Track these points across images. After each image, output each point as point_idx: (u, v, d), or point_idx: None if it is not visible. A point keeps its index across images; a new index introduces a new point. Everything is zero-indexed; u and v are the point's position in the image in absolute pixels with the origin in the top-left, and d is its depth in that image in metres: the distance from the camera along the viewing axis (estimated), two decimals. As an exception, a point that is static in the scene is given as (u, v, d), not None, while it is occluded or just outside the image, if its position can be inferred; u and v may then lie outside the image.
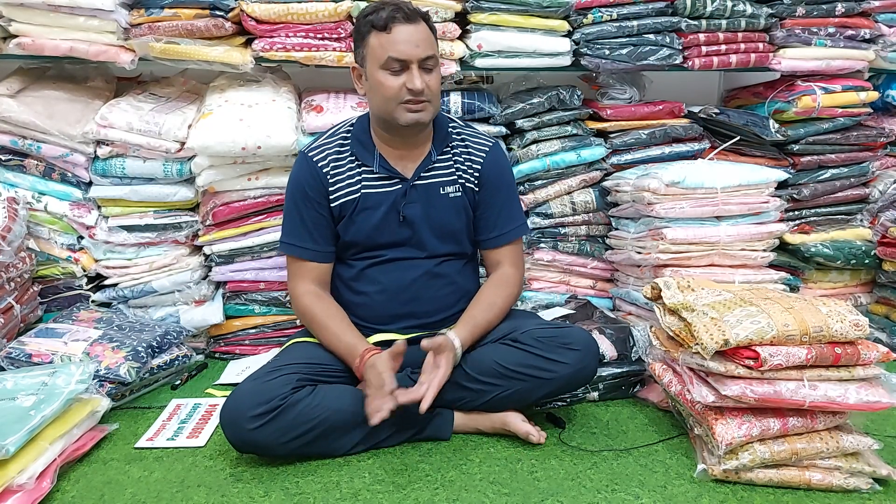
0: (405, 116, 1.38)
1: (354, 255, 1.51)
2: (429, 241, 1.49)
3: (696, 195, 1.78)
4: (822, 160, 2.04)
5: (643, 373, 1.60)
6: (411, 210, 1.47)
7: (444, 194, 1.49)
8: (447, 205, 1.49)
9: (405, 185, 1.46)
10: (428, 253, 1.50)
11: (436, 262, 1.51)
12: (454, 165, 1.50)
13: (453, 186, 1.50)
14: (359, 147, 1.47)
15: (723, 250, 1.80)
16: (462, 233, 1.53)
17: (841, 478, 1.20)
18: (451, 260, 1.53)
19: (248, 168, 1.83)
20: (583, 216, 2.04)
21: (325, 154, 1.47)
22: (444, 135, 1.51)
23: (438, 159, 1.49)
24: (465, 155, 1.52)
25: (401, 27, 1.34)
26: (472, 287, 1.58)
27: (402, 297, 1.49)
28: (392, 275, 1.49)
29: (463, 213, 1.52)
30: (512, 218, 1.55)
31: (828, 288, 2.05)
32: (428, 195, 1.48)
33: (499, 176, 1.54)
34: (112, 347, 1.64)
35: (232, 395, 1.33)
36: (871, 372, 1.22)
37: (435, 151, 1.49)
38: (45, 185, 1.83)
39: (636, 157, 2.02)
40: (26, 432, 1.21)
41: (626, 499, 1.18)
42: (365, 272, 1.50)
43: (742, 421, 1.22)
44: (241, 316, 1.96)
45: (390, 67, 1.35)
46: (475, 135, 1.56)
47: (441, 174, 1.49)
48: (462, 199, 1.51)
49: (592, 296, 2.09)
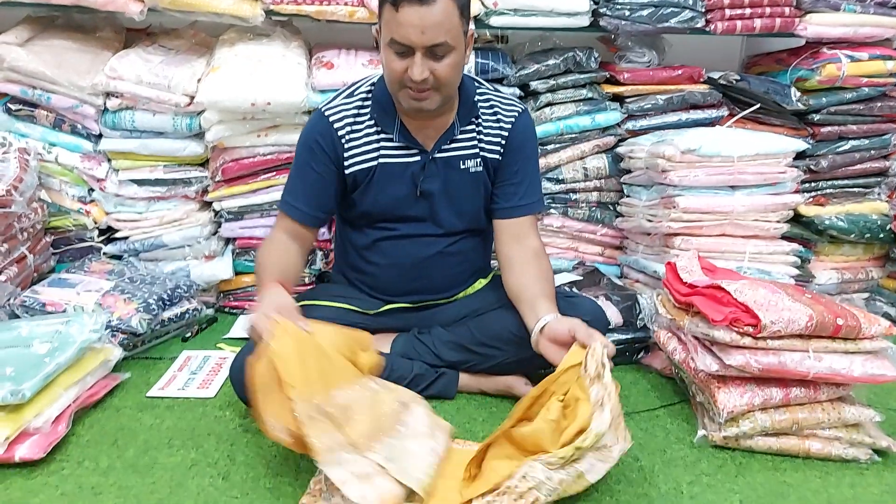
0: (407, 102, 1.29)
1: (368, 225, 1.46)
2: (446, 217, 1.44)
3: (711, 163, 1.75)
4: (843, 131, 2.00)
5: (648, 340, 1.61)
6: (430, 185, 1.40)
7: (464, 169, 1.42)
8: (467, 180, 1.42)
9: (424, 159, 1.39)
10: (445, 230, 1.44)
11: (451, 240, 1.46)
12: (476, 137, 1.42)
13: (474, 161, 1.42)
14: (380, 111, 1.38)
15: (735, 220, 1.78)
16: (480, 209, 1.47)
17: (840, 448, 1.21)
18: (466, 238, 1.48)
19: (257, 124, 1.82)
20: (595, 182, 2.01)
21: (343, 116, 1.38)
22: (469, 105, 1.41)
23: (462, 131, 1.40)
24: (492, 121, 1.42)
25: (410, 9, 1.17)
26: (483, 262, 1.56)
27: (412, 274, 1.46)
28: (404, 251, 1.44)
29: (482, 189, 1.44)
30: (535, 190, 1.47)
31: (839, 261, 2.03)
32: (447, 170, 1.41)
33: (526, 144, 1.45)
34: (124, 299, 1.66)
35: (242, 350, 1.35)
36: (878, 345, 1.22)
37: (459, 123, 1.40)
38: (56, 137, 1.83)
39: (652, 123, 1.99)
40: (42, 378, 1.24)
41: (625, 461, 1.20)
42: (378, 244, 1.46)
43: (744, 390, 1.22)
44: (250, 272, 1.97)
45: (395, 48, 1.23)
46: (504, 99, 1.46)
47: (462, 147, 1.41)
48: (482, 173, 1.43)
49: (601, 263, 2.08)
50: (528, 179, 1.45)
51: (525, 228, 1.43)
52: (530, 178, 1.45)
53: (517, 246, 1.41)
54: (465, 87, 1.40)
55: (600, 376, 1.04)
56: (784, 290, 1.31)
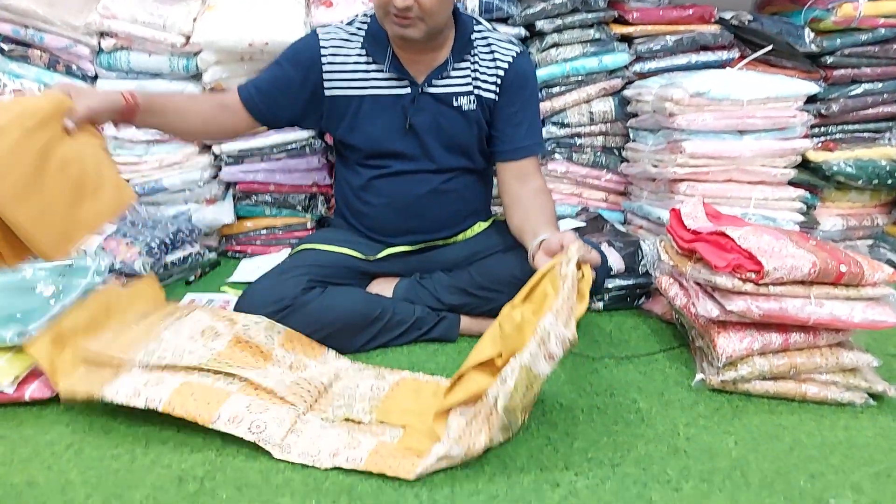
0: (392, 29, 1.27)
1: (360, 162, 1.46)
2: (437, 153, 1.43)
3: (720, 107, 1.71)
4: (856, 74, 1.94)
5: (649, 286, 1.61)
6: (419, 119, 1.40)
7: (456, 106, 1.40)
8: (458, 117, 1.41)
9: (414, 91, 1.38)
10: (437, 166, 1.44)
11: (445, 177, 1.45)
12: (471, 75, 1.40)
13: (467, 98, 1.40)
14: (372, 42, 1.37)
15: (742, 166, 1.76)
16: (473, 147, 1.45)
17: (836, 392, 1.23)
18: (460, 175, 1.47)
19: (256, 65, 1.77)
20: (600, 126, 1.98)
21: (332, 38, 1.38)
22: (465, 42, 1.39)
23: (456, 67, 1.39)
24: (488, 60, 1.40)
25: None
26: (480, 204, 1.55)
27: (407, 212, 1.46)
28: (398, 188, 1.44)
29: (475, 127, 1.43)
30: (536, 132, 1.46)
31: (845, 208, 2.02)
32: (438, 105, 1.39)
33: (523, 85, 1.42)
34: (126, 243, 1.66)
35: (245, 294, 1.37)
36: (880, 292, 1.21)
37: (452, 59, 1.38)
38: (51, 78, 1.79)
39: (661, 65, 1.94)
40: (48, 320, 1.25)
41: (623, 402, 1.22)
42: (372, 182, 1.46)
43: (744, 335, 1.23)
44: (251, 217, 1.97)
45: None
46: (502, 40, 1.43)
47: (455, 84, 1.40)
48: (476, 112, 1.41)
49: (604, 209, 2.07)
50: (528, 121, 1.43)
51: (528, 170, 1.42)
52: (530, 119, 1.44)
53: (521, 186, 1.40)
54: (463, 25, 1.38)
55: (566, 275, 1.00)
56: (788, 236, 1.30)
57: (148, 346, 1.17)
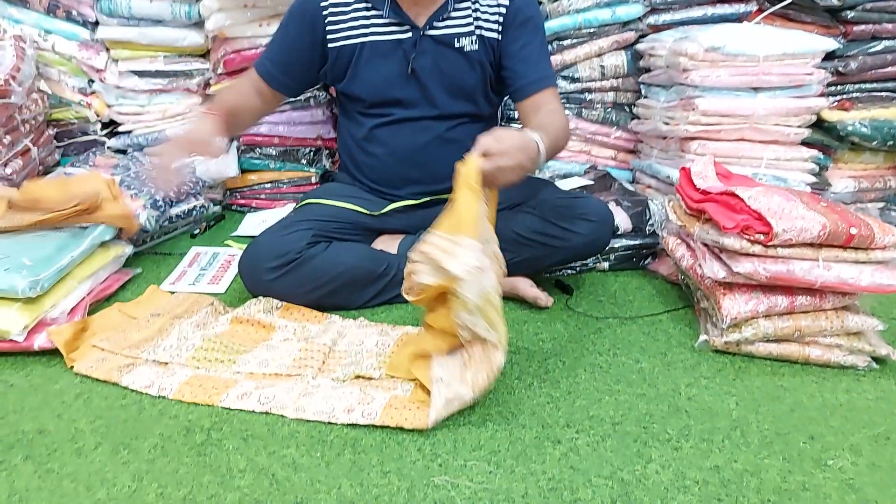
0: None
1: (363, 111, 1.44)
2: (440, 97, 1.40)
3: (735, 63, 1.67)
4: (877, 30, 1.88)
5: (656, 246, 1.60)
6: (421, 62, 1.37)
7: (458, 47, 1.37)
8: (460, 59, 1.38)
9: (415, 35, 1.36)
10: (440, 112, 1.42)
11: (449, 124, 1.43)
12: (473, 14, 1.37)
13: (469, 39, 1.38)
14: None
15: (755, 124, 1.72)
16: (477, 90, 1.43)
17: (840, 355, 1.23)
18: (465, 123, 1.45)
19: (258, 13, 1.73)
20: (611, 81, 1.93)
21: None
22: None
23: (457, 8, 1.37)
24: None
25: None
26: None
27: (411, 161, 1.44)
28: (401, 137, 1.43)
29: (478, 69, 1.40)
30: (544, 65, 1.41)
31: (858, 169, 1.98)
32: (440, 47, 1.37)
33: (526, 20, 1.38)
34: (130, 195, 1.65)
35: (250, 247, 1.36)
36: (890, 255, 1.20)
37: (453, 1, 1.36)
38: (51, 23, 1.75)
39: (675, 17, 1.88)
40: (56, 270, 1.26)
41: (626, 362, 1.23)
42: (374, 132, 1.44)
43: (750, 297, 1.23)
44: (256, 170, 1.95)
45: None
46: None
47: (457, 25, 1.37)
48: (478, 53, 1.39)
49: (613, 167, 2.04)
50: (537, 54, 1.40)
51: (547, 98, 1.37)
52: (537, 53, 1.40)
53: (538, 113, 1.35)
54: None
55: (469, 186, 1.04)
56: (799, 197, 1.28)
57: (158, 343, 1.20)
